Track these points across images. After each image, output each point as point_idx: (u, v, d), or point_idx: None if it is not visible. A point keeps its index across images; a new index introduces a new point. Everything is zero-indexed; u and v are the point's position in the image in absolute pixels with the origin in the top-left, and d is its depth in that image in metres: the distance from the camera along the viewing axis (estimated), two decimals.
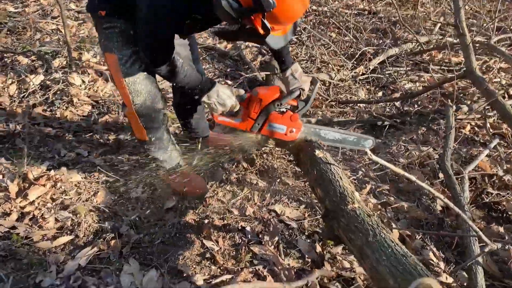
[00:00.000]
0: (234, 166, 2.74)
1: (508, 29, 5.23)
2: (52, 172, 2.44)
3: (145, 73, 2.08)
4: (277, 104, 2.21)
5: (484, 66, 4.54)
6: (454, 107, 3.01)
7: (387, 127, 3.36)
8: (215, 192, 2.49)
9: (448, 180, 2.51)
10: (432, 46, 4.83)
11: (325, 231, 2.19)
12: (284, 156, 2.93)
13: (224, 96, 2.10)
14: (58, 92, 3.39)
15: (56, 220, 2.18)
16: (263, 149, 2.95)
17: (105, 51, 2.02)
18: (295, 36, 4.95)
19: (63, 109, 3.24)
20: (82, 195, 2.36)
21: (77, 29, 4.66)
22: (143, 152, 2.71)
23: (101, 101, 3.41)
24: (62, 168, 2.52)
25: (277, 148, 2.94)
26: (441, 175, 2.82)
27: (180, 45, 2.28)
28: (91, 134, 2.98)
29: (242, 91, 2.21)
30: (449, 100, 3.16)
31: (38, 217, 2.17)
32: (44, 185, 2.33)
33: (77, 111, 3.25)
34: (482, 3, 6.29)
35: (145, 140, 2.26)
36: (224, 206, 2.40)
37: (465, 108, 3.32)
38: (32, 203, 2.25)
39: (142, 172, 2.59)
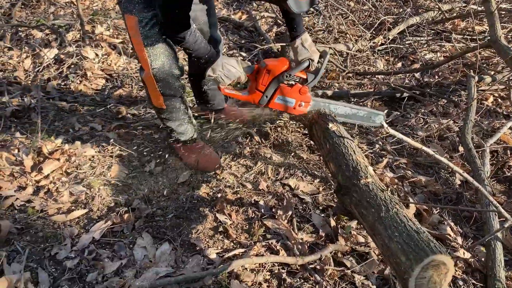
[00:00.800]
0: (248, 140, 2.71)
1: None
2: (66, 146, 2.45)
3: (164, 37, 2.04)
4: (286, 75, 2.16)
5: (510, 34, 4.36)
6: (477, 78, 2.89)
7: (406, 99, 3.26)
8: (229, 166, 2.47)
9: (468, 154, 2.43)
10: (455, 14, 4.65)
11: (338, 206, 2.16)
12: (298, 129, 2.88)
13: (229, 67, 2.05)
14: (72, 66, 3.38)
15: (71, 193, 2.19)
16: (277, 122, 2.90)
17: (125, 12, 1.97)
18: (313, 5, 4.81)
19: (77, 83, 3.23)
20: (96, 169, 2.37)
21: (90, 2, 4.62)
22: (158, 122, 2.70)
23: (114, 74, 3.39)
24: (76, 142, 2.52)
25: (291, 122, 2.89)
26: (461, 148, 2.75)
27: (199, 10, 2.24)
28: (105, 107, 2.97)
29: (248, 63, 2.17)
30: (471, 71, 3.04)
31: (53, 191, 2.19)
32: (58, 159, 2.34)
33: (91, 85, 3.25)
34: None
35: (162, 107, 2.23)
36: (238, 180, 2.38)
37: (488, 79, 3.20)
38: (46, 177, 2.26)
39: (155, 145, 2.59)
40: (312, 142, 2.72)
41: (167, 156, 2.46)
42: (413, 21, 4.43)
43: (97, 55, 3.52)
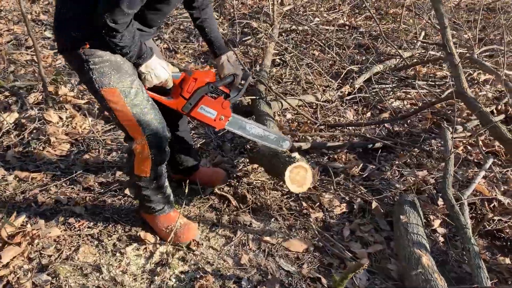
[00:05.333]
0: (225, 205, 2.54)
1: (489, 40, 5.18)
2: (28, 227, 2.21)
3: (151, 101, 2.00)
4: (211, 87, 2.14)
5: (469, 78, 4.46)
6: (450, 129, 2.86)
7: (380, 151, 3.21)
8: (207, 238, 2.29)
9: (451, 210, 2.34)
10: (415, 61, 4.73)
11: None
12: (277, 188, 2.74)
13: (160, 68, 1.97)
14: (34, 131, 3.16)
15: (34, 284, 1.94)
16: (254, 182, 2.76)
17: (101, 87, 1.87)
18: (279, 57, 4.80)
19: (39, 150, 3.00)
20: (62, 252, 2.13)
21: (53, 59, 4.44)
22: (128, 192, 2.53)
23: (80, 138, 3.18)
24: (39, 221, 2.29)
25: (269, 181, 2.76)
26: (440, 202, 2.68)
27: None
28: (70, 176, 2.74)
29: (177, 69, 2.16)
30: (444, 122, 3.02)
31: (13, 283, 1.94)
32: (19, 244, 2.10)
33: (55, 151, 3.02)
34: (460, 14, 6.26)
35: (146, 176, 2.07)
36: (218, 254, 2.19)
37: (460, 129, 3.18)
38: (6, 266, 2.01)
39: (126, 219, 2.38)
40: (292, 204, 2.60)
41: (139, 233, 2.25)
42: (377, 69, 4.47)
43: (61, 118, 3.32)
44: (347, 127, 3.55)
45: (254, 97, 3.53)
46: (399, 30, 5.82)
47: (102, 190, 2.64)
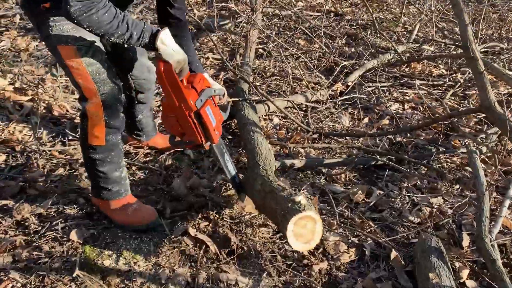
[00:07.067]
0: (201, 252, 1.87)
1: (489, 37, 4.62)
2: None
3: (109, 63, 1.82)
4: (214, 91, 1.87)
5: (467, 77, 3.90)
6: (478, 152, 2.26)
7: (387, 170, 2.59)
8: None
9: (492, 267, 1.76)
10: (409, 56, 4.13)
11: None
12: (267, 223, 2.09)
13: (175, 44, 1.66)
14: None
15: None
16: (239, 216, 2.10)
17: (57, 43, 1.69)
18: (261, 47, 4.07)
19: None
20: None
21: None
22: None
23: (19, 148, 2.40)
24: None
25: (258, 216, 2.11)
26: (464, 242, 2.11)
27: None
28: None
29: None
30: (469, 142, 2.41)
31: None
32: None
33: None
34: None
35: (100, 144, 1.84)
36: None
37: (484, 149, 2.58)
38: None
39: (69, 278, 1.68)
40: (287, 247, 1.96)
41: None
42: (372, 65, 3.82)
43: None
44: (345, 138, 2.91)
45: (237, 99, 2.82)
46: (388, 20, 5.19)
47: (40, 228, 1.91)
